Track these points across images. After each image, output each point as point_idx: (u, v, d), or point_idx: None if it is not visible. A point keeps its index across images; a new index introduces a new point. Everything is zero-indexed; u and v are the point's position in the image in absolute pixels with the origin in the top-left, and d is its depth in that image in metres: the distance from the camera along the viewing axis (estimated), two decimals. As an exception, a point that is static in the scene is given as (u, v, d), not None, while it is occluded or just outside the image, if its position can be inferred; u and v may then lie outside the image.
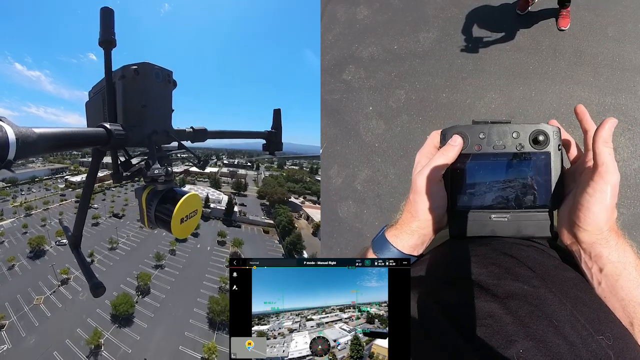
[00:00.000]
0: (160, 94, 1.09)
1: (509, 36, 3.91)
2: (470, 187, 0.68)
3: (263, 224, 60.63)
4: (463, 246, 0.68)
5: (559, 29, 3.77)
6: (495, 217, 0.67)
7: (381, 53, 4.59)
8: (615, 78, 3.54)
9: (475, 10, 4.17)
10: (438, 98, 3.97)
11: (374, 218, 4.08)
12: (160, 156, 1.04)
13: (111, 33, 1.06)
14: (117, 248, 48.72)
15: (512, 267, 0.59)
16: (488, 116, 0.71)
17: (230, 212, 60.93)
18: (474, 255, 0.64)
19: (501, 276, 0.57)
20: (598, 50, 3.65)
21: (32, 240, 46.26)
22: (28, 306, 35.62)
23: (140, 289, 39.11)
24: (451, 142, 0.66)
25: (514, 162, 0.65)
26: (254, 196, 73.82)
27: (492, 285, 0.56)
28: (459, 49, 4.05)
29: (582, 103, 0.66)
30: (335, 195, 4.35)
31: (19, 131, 0.65)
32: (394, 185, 4.02)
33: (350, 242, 4.21)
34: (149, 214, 1.01)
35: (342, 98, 4.64)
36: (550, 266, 0.61)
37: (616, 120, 0.59)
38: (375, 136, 4.24)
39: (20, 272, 41.82)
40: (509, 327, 0.49)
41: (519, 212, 0.66)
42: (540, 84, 3.67)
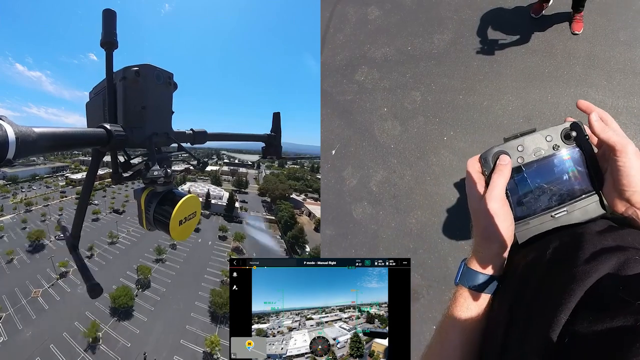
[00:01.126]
0: (161, 96, 1.10)
1: (523, 39, 3.97)
2: (524, 196, 0.73)
3: (264, 220, 60.12)
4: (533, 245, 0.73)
5: (573, 33, 3.84)
6: (556, 214, 0.73)
7: (394, 54, 4.59)
8: (627, 82, 3.63)
9: (489, 13, 4.22)
10: (455, 100, 3.99)
11: (391, 219, 4.08)
12: (160, 158, 1.05)
13: (113, 35, 1.08)
14: (117, 242, 48.14)
15: (585, 240, 0.64)
16: (514, 131, 0.76)
17: (232, 207, 60.37)
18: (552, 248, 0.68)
19: (582, 246, 0.62)
20: (610, 55, 3.74)
21: (32, 234, 45.48)
22: (26, 299, 35.03)
23: (140, 282, 38.39)
24: (502, 162, 0.71)
25: (555, 161, 0.72)
26: (254, 193, 73.22)
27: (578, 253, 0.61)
28: (475, 51, 4.09)
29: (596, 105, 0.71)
30: (349, 196, 4.33)
31: (19, 130, 0.65)
32: (411, 187, 4.03)
33: (365, 243, 4.20)
34: (148, 216, 1.01)
35: (355, 99, 4.62)
36: (609, 228, 0.68)
37: (595, 110, 0.69)
38: (391, 137, 4.24)
39: (19, 266, 41.17)
40: (613, 269, 0.55)
41: (574, 203, 0.72)
42: (556, 86, 3.74)
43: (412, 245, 3.96)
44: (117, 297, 33.23)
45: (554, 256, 0.66)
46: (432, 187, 3.94)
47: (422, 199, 3.97)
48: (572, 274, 0.57)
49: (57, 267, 39.03)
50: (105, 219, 55.75)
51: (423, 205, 3.95)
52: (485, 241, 0.75)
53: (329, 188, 4.47)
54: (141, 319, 33.63)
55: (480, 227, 0.74)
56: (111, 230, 49.46)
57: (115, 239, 48.45)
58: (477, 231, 0.76)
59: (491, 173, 0.72)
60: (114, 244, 47.77)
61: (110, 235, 48.48)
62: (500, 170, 0.71)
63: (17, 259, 42.60)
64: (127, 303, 33.68)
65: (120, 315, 33.40)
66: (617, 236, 0.63)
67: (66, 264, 38.88)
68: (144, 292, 37.61)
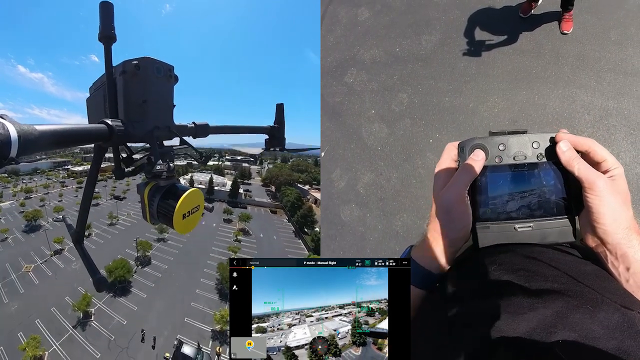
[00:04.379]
0: (162, 89, 1.09)
1: (511, 39, 3.91)
2: (492, 199, 0.68)
3: (270, 205, 58.54)
4: (488, 256, 0.68)
5: (562, 32, 3.76)
6: (520, 227, 0.67)
7: (383, 56, 4.57)
8: (617, 82, 3.54)
9: (478, 13, 4.16)
10: (441, 102, 3.96)
11: (377, 221, 4.08)
12: (162, 152, 1.04)
13: (111, 28, 1.05)
14: (116, 224, 46.72)
15: (539, 268, 0.60)
16: (504, 127, 0.70)
17: (235, 193, 58.91)
18: (499, 263, 0.65)
19: (531, 278, 0.59)
20: (601, 54, 3.65)
21: (28, 213, 43.88)
22: (16, 274, 33.31)
23: (139, 259, 35.28)
24: (474, 157, 0.66)
25: (535, 171, 0.66)
26: (258, 184, 71.39)
27: (525, 286, 0.58)
28: (462, 52, 4.04)
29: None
30: (337, 198, 4.35)
31: (20, 129, 0.65)
32: (397, 189, 4.02)
33: (353, 245, 4.21)
34: (151, 210, 1.01)
35: (344, 101, 4.62)
36: (571, 261, 0.63)
37: (565, 134, 0.63)
38: (378, 140, 4.23)
39: (13, 244, 40.00)
40: (547, 320, 0.51)
41: (542, 221, 0.66)
42: (544, 87, 3.67)
43: (398, 248, 3.95)
44: (113, 269, 29.69)
45: (500, 274, 0.62)
46: (418, 190, 3.92)
47: (408, 202, 3.96)
48: (509, 304, 0.54)
49: (52, 243, 37.28)
50: (106, 205, 54.41)
51: (409, 208, 3.94)
52: (434, 235, 0.71)
53: (323, 189, 4.50)
54: (140, 296, 30.98)
55: (433, 218, 0.71)
56: (111, 211, 47.65)
57: (115, 219, 46.94)
58: (430, 222, 0.72)
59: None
60: (114, 225, 46.29)
61: (110, 216, 46.67)
62: (468, 165, 0.66)
63: (12, 238, 41.36)
64: (124, 276, 30.25)
65: (116, 291, 30.35)
66: (578, 274, 0.58)
67: (61, 240, 37.22)
68: (143, 269, 34.60)
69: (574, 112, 3.56)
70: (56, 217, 44.51)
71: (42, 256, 37.03)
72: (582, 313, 0.50)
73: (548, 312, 0.51)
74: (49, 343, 25.23)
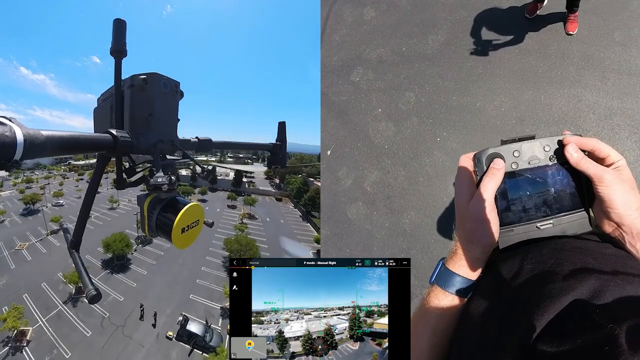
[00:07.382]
0: (167, 104, 1.12)
1: (517, 39, 3.96)
2: (513, 203, 0.72)
3: (275, 194, 57.62)
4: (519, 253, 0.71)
5: (567, 33, 3.82)
6: (542, 225, 0.72)
7: (389, 55, 4.60)
8: (622, 82, 3.61)
9: (484, 13, 4.21)
10: (448, 101, 4.00)
11: (384, 219, 4.11)
12: (165, 165, 1.06)
13: (122, 44, 1.09)
14: (117, 208, 45.17)
15: (567, 256, 0.64)
16: (513, 134, 0.75)
17: (239, 182, 58.01)
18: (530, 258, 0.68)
19: (562, 265, 0.62)
20: (605, 55, 3.72)
21: (27, 197, 42.78)
22: (9, 251, 31.87)
23: (140, 238, 33.07)
24: (495, 166, 0.70)
25: (549, 172, 0.71)
26: (261, 178, 69.68)
27: (558, 271, 0.61)
28: (468, 51, 4.08)
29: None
30: (344, 196, 4.37)
31: (27, 132, 0.66)
32: (405, 187, 4.05)
33: (359, 243, 4.24)
34: (150, 222, 1.02)
35: (351, 99, 4.64)
36: (593, 246, 0.68)
37: (570, 135, 0.68)
38: (385, 138, 4.26)
39: (10, 226, 38.75)
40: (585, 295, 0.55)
41: (561, 216, 0.72)
42: (549, 87, 3.72)
43: (405, 246, 3.99)
44: (111, 242, 27.48)
45: (532, 268, 0.65)
46: (425, 187, 3.96)
47: (415, 200, 4.00)
48: (547, 290, 0.57)
49: (48, 223, 36.04)
50: (106, 193, 52.36)
51: (416, 205, 3.97)
52: (468, 244, 0.74)
53: (324, 188, 4.51)
54: (140, 272, 29.25)
55: (465, 229, 0.73)
56: (112, 195, 45.56)
57: (116, 204, 45.35)
58: (461, 233, 0.75)
59: (483, 175, 0.70)
60: (114, 209, 44.73)
61: (111, 200, 44.75)
62: (492, 174, 0.69)
63: (9, 220, 40.36)
64: (123, 250, 28.29)
65: (114, 268, 28.27)
66: (600, 257, 0.63)
67: (58, 219, 35.07)
68: (144, 247, 32.80)
69: (579, 112, 3.62)
70: (55, 201, 43.58)
71: (39, 236, 35.70)
72: (613, 286, 0.54)
73: (584, 288, 0.55)
74: (35, 319, 23.62)
